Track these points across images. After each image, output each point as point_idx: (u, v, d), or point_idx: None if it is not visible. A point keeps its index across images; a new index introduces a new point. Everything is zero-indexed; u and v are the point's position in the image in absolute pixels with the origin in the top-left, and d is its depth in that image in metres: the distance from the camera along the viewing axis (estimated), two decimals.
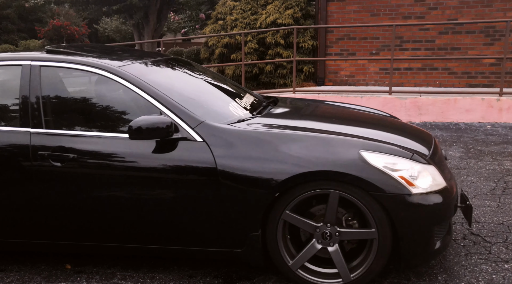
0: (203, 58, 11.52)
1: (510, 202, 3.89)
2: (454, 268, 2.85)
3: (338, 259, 2.57)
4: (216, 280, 2.82)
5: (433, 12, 9.26)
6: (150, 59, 3.30)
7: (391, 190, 2.45)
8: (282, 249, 2.62)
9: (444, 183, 2.67)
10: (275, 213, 2.57)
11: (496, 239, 3.22)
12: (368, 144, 2.57)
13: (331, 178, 2.48)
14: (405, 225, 2.47)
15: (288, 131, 2.64)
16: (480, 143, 6.04)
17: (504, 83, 8.93)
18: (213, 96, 3.18)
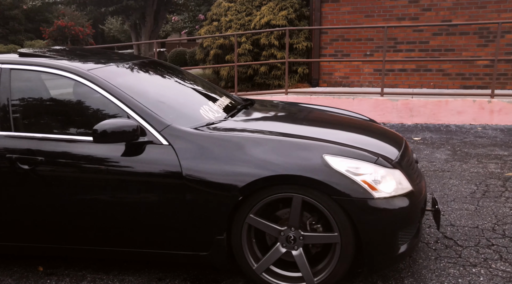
0: (199, 59, 11.56)
1: (488, 205, 3.88)
2: (422, 272, 2.85)
3: (302, 263, 2.57)
4: (184, 282, 2.84)
5: (427, 13, 9.24)
6: (125, 63, 3.32)
7: (353, 194, 2.45)
8: (247, 253, 2.63)
9: (410, 187, 2.67)
10: (239, 217, 2.58)
11: (468, 243, 3.21)
12: (332, 147, 2.57)
13: (293, 182, 2.49)
14: (367, 229, 2.47)
15: (253, 135, 2.65)
16: (468, 145, 6.03)
17: (498, 84, 8.93)
18: (185, 100, 3.19)
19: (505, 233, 3.34)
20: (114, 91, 2.74)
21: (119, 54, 3.71)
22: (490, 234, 3.34)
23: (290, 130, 2.92)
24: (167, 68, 3.66)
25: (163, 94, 3.10)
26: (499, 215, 3.66)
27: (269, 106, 3.64)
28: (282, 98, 8.54)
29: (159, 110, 2.75)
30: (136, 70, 3.28)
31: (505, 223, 3.52)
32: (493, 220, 3.57)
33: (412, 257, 3.05)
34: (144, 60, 3.62)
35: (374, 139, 3.03)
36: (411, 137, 6.60)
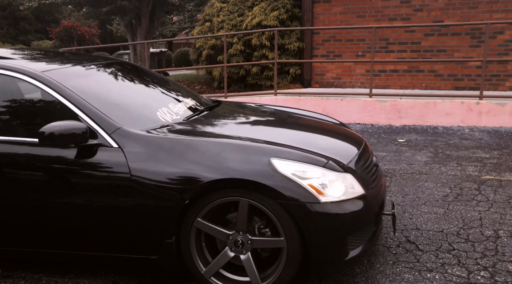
0: (192, 59, 11.56)
1: (458, 209, 3.84)
2: (377, 277, 2.82)
3: (249, 268, 2.55)
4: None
5: (418, 13, 9.17)
6: (88, 65, 3.32)
7: (299, 198, 2.43)
8: (195, 256, 2.61)
9: (362, 191, 2.64)
10: (187, 220, 2.57)
11: (429, 247, 3.18)
12: (281, 151, 2.55)
13: (240, 186, 2.47)
14: (313, 234, 2.45)
15: (201, 138, 2.63)
16: (452, 147, 5.97)
17: (490, 86, 8.86)
18: (143, 102, 3.18)
19: (469, 238, 3.30)
20: (66, 93, 2.73)
21: (86, 56, 3.71)
22: (454, 238, 3.30)
23: (245, 133, 2.90)
24: (134, 71, 3.65)
25: (120, 96, 3.09)
26: (467, 219, 3.62)
27: (233, 109, 3.62)
28: (271, 100, 8.52)
29: (111, 113, 2.74)
30: (98, 72, 3.27)
31: (471, 227, 3.48)
32: (459, 224, 3.53)
33: (370, 262, 3.02)
34: (111, 62, 3.62)
35: (332, 142, 3.01)
36: (396, 139, 6.56)
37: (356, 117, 8.00)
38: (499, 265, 2.90)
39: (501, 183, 4.44)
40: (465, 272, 2.83)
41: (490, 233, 3.36)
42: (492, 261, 2.95)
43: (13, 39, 33.39)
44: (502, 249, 3.11)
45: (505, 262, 2.93)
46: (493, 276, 2.77)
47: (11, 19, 33.78)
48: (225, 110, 3.53)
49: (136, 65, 3.89)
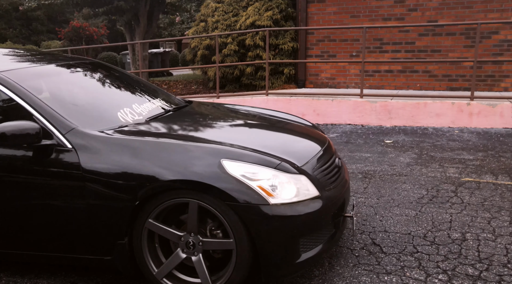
0: (188, 60, 11.57)
1: (430, 211, 3.80)
2: (334, 280, 2.79)
3: (200, 269, 2.55)
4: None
5: (413, 13, 9.10)
6: (56, 65, 3.33)
7: (248, 200, 2.41)
8: (147, 258, 2.61)
9: (317, 193, 2.62)
10: (139, 221, 2.57)
11: (393, 250, 3.14)
12: (232, 152, 2.53)
13: (189, 187, 2.46)
14: (262, 236, 2.43)
15: (154, 139, 2.62)
16: (437, 148, 5.92)
17: (485, 86, 8.77)
18: (105, 102, 3.18)
19: (435, 240, 3.26)
20: (22, 93, 2.74)
21: (64, 57, 3.70)
22: (419, 241, 3.27)
23: (202, 134, 2.89)
24: (103, 71, 3.65)
25: (80, 97, 3.09)
26: (437, 222, 3.58)
27: (201, 110, 3.62)
28: (263, 100, 8.50)
29: (67, 113, 2.74)
30: (63, 73, 3.28)
31: (440, 229, 3.44)
32: (428, 227, 3.49)
33: (331, 264, 3.00)
34: (81, 62, 3.62)
35: (291, 143, 2.99)
36: (383, 140, 6.51)
37: (346, 118, 7.96)
38: (459, 268, 2.86)
39: (479, 185, 4.38)
40: (423, 275, 2.80)
41: (457, 236, 3.32)
42: (453, 264, 2.92)
43: (25, 39, 33.79)
44: (466, 252, 3.06)
45: (466, 266, 2.89)
46: (450, 280, 2.73)
47: (24, 20, 34.21)
48: (192, 111, 3.52)
49: (108, 66, 3.89)
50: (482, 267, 2.86)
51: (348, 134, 7.07)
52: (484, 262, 2.93)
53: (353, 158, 5.58)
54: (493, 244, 3.18)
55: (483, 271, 2.82)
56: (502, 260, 2.94)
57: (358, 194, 4.27)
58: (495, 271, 2.81)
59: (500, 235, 3.30)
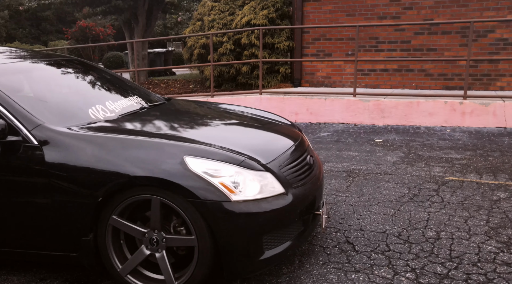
0: (186, 58, 11.59)
1: (409, 210, 3.77)
2: (301, 277, 2.78)
3: (163, 266, 2.55)
4: (63, 283, 2.84)
5: (408, 12, 9.06)
6: (31, 61, 3.35)
7: (208, 196, 2.41)
8: (112, 254, 2.61)
9: (282, 190, 2.61)
10: (103, 218, 2.57)
11: (365, 248, 3.13)
12: (196, 149, 2.53)
13: (151, 184, 2.46)
14: (224, 233, 2.42)
15: (119, 136, 2.62)
16: (426, 147, 5.88)
17: (481, 85, 8.71)
18: (77, 99, 3.19)
19: (409, 239, 3.24)
20: None
21: (41, 54, 3.71)
22: (393, 239, 3.25)
23: (170, 131, 2.89)
24: (79, 68, 3.66)
25: (52, 93, 3.10)
26: (413, 220, 3.55)
27: (177, 107, 3.62)
28: (256, 99, 8.49)
29: (35, 110, 2.75)
30: (36, 69, 3.29)
31: (415, 228, 3.41)
32: (404, 225, 3.47)
33: (301, 261, 2.98)
34: (59, 59, 3.64)
35: (261, 140, 2.98)
36: (373, 139, 6.48)
37: (339, 116, 7.93)
38: (428, 266, 2.84)
39: (462, 184, 4.35)
40: (391, 273, 2.78)
41: (431, 234, 3.29)
42: (423, 262, 2.89)
43: (35, 39, 34.19)
44: (438, 251, 3.04)
45: (435, 264, 2.87)
46: (417, 278, 2.71)
47: (33, 20, 34.66)
48: (167, 108, 3.52)
49: (89, 64, 3.90)
50: (452, 266, 2.84)
51: (340, 133, 7.04)
52: (455, 260, 2.91)
53: (340, 156, 5.56)
54: (466, 242, 3.15)
55: (452, 269, 2.80)
56: (473, 259, 2.91)
57: (340, 193, 4.25)
58: (464, 270, 2.78)
59: (474, 234, 3.27)
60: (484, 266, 2.83)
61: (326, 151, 5.89)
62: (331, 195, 4.20)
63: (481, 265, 2.83)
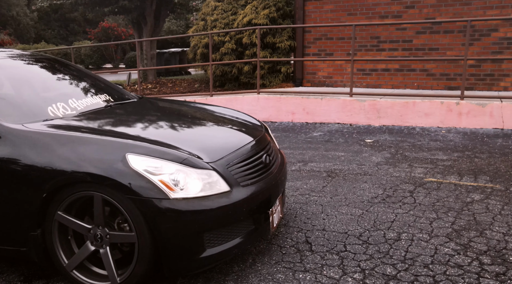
0: (190, 58, 11.66)
1: (377, 211, 3.73)
2: (249, 276, 2.78)
3: (107, 261, 2.58)
4: (18, 278, 2.90)
5: (410, 10, 8.93)
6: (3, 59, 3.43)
7: (148, 194, 2.43)
8: (58, 249, 2.66)
9: (227, 188, 2.62)
10: (50, 214, 2.62)
11: (322, 248, 3.10)
12: (139, 146, 2.56)
13: (93, 181, 2.49)
14: (163, 230, 2.44)
15: (64, 132, 2.67)
16: (415, 148, 5.79)
17: (483, 85, 8.53)
18: (39, 96, 3.25)
19: (368, 240, 3.20)
20: None
21: (19, 53, 3.79)
22: (353, 240, 3.21)
23: (121, 128, 2.92)
24: (54, 67, 3.74)
25: (13, 90, 3.17)
26: (379, 221, 3.51)
27: (143, 105, 3.65)
28: (254, 98, 8.50)
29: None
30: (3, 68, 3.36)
31: (378, 229, 3.37)
32: (368, 226, 3.43)
33: (254, 260, 2.98)
34: (34, 57, 3.71)
35: (213, 139, 2.98)
36: (363, 139, 6.42)
37: (335, 116, 7.87)
38: (379, 268, 2.81)
39: (439, 186, 4.28)
40: (340, 273, 2.76)
41: (392, 236, 3.25)
42: (375, 264, 2.86)
43: (63, 39, 35.12)
44: (393, 252, 3.00)
45: (387, 265, 2.83)
46: (364, 279, 2.68)
47: (62, 21, 35.61)
48: (133, 106, 3.56)
49: (64, 62, 3.97)
50: (403, 267, 2.80)
51: (332, 133, 6.99)
52: (407, 262, 2.86)
53: (325, 156, 5.53)
54: (425, 244, 3.10)
55: (402, 271, 2.76)
56: (426, 261, 2.87)
57: (314, 193, 4.22)
58: (414, 271, 2.74)
59: (436, 236, 3.22)
60: (435, 268, 2.78)
61: (313, 150, 5.86)
62: (305, 194, 4.18)
63: (433, 267, 2.78)
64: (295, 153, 5.78)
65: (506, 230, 3.26)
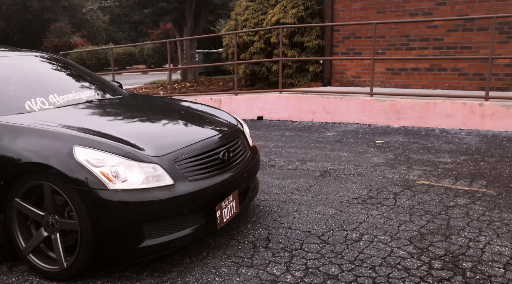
0: (224, 57, 11.86)
1: (351, 211, 3.67)
2: (195, 269, 2.85)
3: (56, 247, 2.74)
4: None
5: (441, 7, 8.59)
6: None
7: (88, 184, 2.56)
8: (17, 234, 2.85)
9: (171, 181, 2.71)
10: (9, 201, 2.82)
11: (277, 246, 3.11)
12: (87, 139, 2.69)
13: (42, 170, 2.66)
14: (101, 219, 2.56)
15: (20, 124, 2.85)
16: (424, 150, 5.59)
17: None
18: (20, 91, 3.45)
19: (327, 240, 3.17)
20: None
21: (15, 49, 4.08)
22: (312, 239, 3.19)
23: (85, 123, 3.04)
24: (44, 63, 3.98)
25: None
26: (347, 222, 3.46)
27: (125, 101, 3.80)
28: (275, 97, 8.51)
29: None
30: None
31: (343, 230, 3.32)
32: (334, 226, 3.39)
33: (209, 253, 3.04)
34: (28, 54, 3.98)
35: (169, 134, 3.08)
36: (374, 140, 6.27)
37: (355, 117, 7.73)
38: (324, 267, 2.78)
39: (428, 189, 4.12)
40: (282, 270, 2.76)
41: (354, 237, 3.19)
42: (322, 263, 2.83)
43: (132, 41, 37.25)
44: (346, 252, 2.95)
45: (333, 265, 2.80)
46: (304, 277, 2.67)
47: (132, 23, 37.73)
48: (113, 102, 3.72)
49: (59, 59, 4.22)
50: (348, 268, 2.75)
51: (346, 133, 6.89)
52: (356, 263, 2.81)
53: (327, 156, 5.47)
54: (382, 246, 3.02)
55: (346, 271, 2.71)
56: (375, 263, 2.80)
57: (298, 191, 4.21)
58: (357, 272, 2.69)
59: (398, 239, 3.12)
60: (380, 270, 2.71)
61: (318, 150, 5.81)
62: (288, 193, 4.18)
63: (378, 269, 2.72)
64: (299, 152, 5.76)
65: (474, 236, 3.11)
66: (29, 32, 36.87)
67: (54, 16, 36.76)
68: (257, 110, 8.84)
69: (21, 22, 36.40)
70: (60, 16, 36.89)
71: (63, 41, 33.26)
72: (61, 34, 33.53)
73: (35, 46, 35.74)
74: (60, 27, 33.84)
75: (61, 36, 33.48)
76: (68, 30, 34.12)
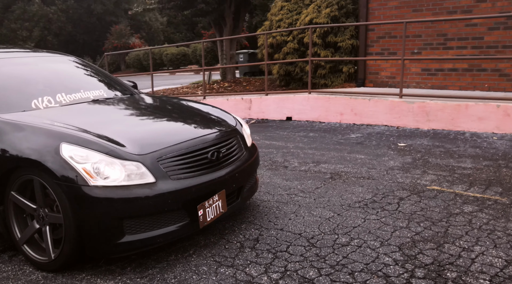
0: (259, 57, 11.90)
1: (349, 215, 3.59)
2: (177, 266, 2.89)
3: (46, 239, 2.88)
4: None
5: (482, 4, 8.20)
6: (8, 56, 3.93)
7: (70, 180, 2.67)
8: (13, 225, 3.02)
9: (153, 179, 2.77)
10: (7, 193, 2.98)
11: (264, 247, 3.10)
12: (73, 136, 2.81)
13: (31, 165, 2.80)
14: (81, 213, 2.66)
15: (17, 121, 3.00)
16: (445, 154, 5.36)
17: None
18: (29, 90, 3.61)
19: (315, 243, 3.12)
20: None
21: (35, 49, 4.31)
22: (301, 241, 3.15)
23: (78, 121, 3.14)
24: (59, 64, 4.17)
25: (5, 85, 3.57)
26: (341, 226, 3.38)
27: (128, 100, 3.91)
28: (304, 98, 8.45)
29: None
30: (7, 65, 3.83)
31: (334, 233, 3.26)
32: (327, 230, 3.33)
33: (195, 252, 3.08)
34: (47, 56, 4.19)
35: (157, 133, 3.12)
36: (397, 143, 6.08)
37: (383, 118, 7.53)
38: (302, 270, 2.74)
39: (437, 195, 3.95)
40: (260, 272, 2.75)
41: (342, 241, 3.12)
42: (302, 266, 2.79)
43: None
44: (330, 257, 2.89)
45: (313, 268, 2.75)
46: (280, 279, 2.64)
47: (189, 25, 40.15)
48: (116, 101, 3.84)
49: (74, 60, 4.40)
50: (327, 272, 2.70)
51: (371, 135, 6.72)
52: (336, 268, 2.75)
53: (343, 158, 5.37)
54: (369, 252, 2.94)
55: (323, 275, 2.66)
56: (356, 268, 2.73)
57: (302, 193, 4.17)
58: (334, 277, 2.63)
59: (388, 245, 3.02)
60: (359, 276, 2.64)
61: (336, 152, 5.72)
62: (292, 194, 4.15)
63: (357, 275, 2.65)
64: (316, 153, 5.70)
65: (469, 245, 2.96)
66: (93, 34, 38.97)
67: (116, 19, 38.59)
68: (286, 110, 8.80)
69: (86, 24, 38.54)
70: (121, 19, 38.65)
71: (122, 42, 34.81)
72: (121, 36, 35.16)
73: (97, 47, 37.84)
74: (120, 29, 35.51)
75: (121, 38, 35.08)
76: (127, 32, 35.70)
